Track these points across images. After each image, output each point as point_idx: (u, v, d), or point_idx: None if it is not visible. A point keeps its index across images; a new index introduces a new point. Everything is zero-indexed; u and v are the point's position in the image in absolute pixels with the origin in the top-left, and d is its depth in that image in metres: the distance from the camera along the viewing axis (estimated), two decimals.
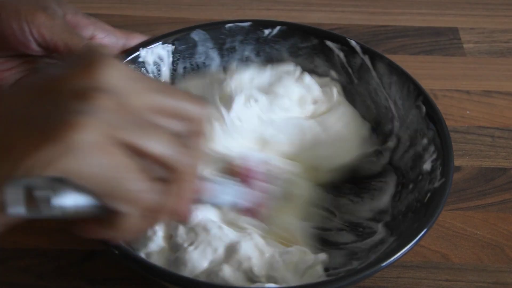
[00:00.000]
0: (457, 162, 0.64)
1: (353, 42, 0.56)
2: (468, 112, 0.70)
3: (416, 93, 0.54)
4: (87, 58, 0.34)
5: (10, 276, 0.53)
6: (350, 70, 0.57)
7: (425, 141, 0.52)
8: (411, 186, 0.52)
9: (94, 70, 0.33)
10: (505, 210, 0.60)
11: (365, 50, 0.56)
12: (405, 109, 0.54)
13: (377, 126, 0.57)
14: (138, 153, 0.33)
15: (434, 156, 0.50)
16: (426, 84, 0.72)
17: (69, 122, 0.31)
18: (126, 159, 0.33)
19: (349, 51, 0.57)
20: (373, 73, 0.56)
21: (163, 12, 0.80)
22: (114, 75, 0.33)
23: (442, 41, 0.79)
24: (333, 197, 0.55)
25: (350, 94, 0.58)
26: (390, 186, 0.54)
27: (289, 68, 0.59)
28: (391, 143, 0.55)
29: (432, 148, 0.51)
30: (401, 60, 0.76)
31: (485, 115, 0.69)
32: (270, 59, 0.60)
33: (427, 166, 0.51)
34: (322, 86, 0.58)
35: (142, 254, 0.47)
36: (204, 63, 0.60)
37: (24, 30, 0.48)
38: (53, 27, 0.49)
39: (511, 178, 0.63)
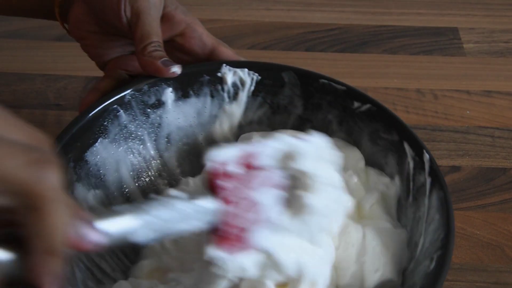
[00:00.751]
0: (457, 162, 0.64)
1: (426, 156, 0.49)
2: (468, 112, 0.70)
3: (441, 246, 0.45)
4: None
5: None
6: (412, 185, 0.51)
7: None
8: None
9: None
10: (505, 210, 0.60)
11: (432, 171, 0.49)
12: (423, 256, 0.47)
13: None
14: None
15: None
16: (426, 84, 0.73)
17: None
18: None
19: (419, 163, 0.50)
20: (426, 201, 0.49)
21: None
22: None
23: (442, 41, 0.79)
24: None
25: (400, 211, 0.51)
26: None
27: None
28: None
29: None
30: (401, 60, 0.76)
31: (485, 115, 0.69)
32: (350, 134, 0.55)
33: None
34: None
35: None
36: (286, 107, 0.57)
37: (120, 5, 0.53)
38: (143, 13, 0.53)
39: (511, 178, 0.63)
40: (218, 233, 0.40)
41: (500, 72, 0.75)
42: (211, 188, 0.42)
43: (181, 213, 0.39)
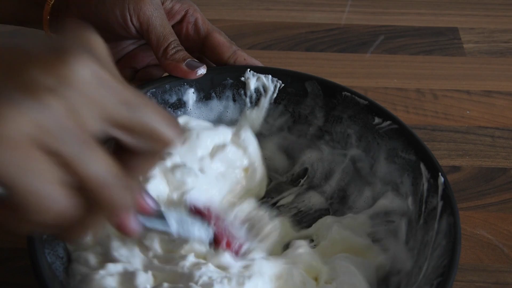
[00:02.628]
0: (457, 162, 0.64)
1: (441, 179, 0.49)
2: (468, 112, 0.70)
3: (442, 273, 0.44)
4: (64, 46, 0.31)
5: (10, 276, 0.53)
6: (424, 207, 0.50)
7: None
8: None
9: (60, 65, 0.30)
10: (505, 210, 0.60)
11: (445, 195, 0.48)
12: (424, 281, 0.45)
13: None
14: (65, 168, 0.30)
15: None
16: (426, 84, 0.73)
17: None
18: (43, 165, 0.30)
19: (434, 186, 0.49)
20: (435, 225, 0.48)
21: None
22: (81, 77, 0.30)
23: (442, 41, 0.79)
24: None
25: (409, 233, 0.50)
26: None
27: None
28: None
29: None
30: (401, 60, 0.76)
31: (485, 115, 0.69)
32: (368, 151, 0.54)
33: None
34: None
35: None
36: (306, 117, 0.56)
37: (126, 17, 0.53)
38: (151, 18, 0.53)
39: (511, 178, 0.63)
40: (219, 244, 0.47)
41: (500, 72, 0.75)
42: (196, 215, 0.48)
43: (194, 224, 0.46)
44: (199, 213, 0.48)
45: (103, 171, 0.31)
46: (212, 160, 0.53)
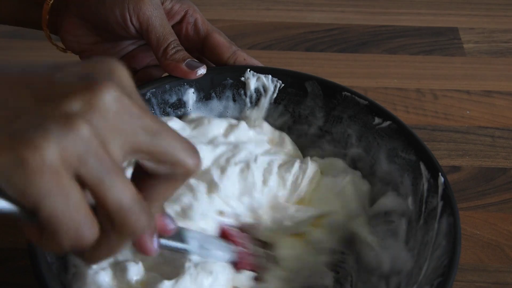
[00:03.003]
0: (457, 162, 0.64)
1: (441, 179, 0.48)
2: (468, 112, 0.70)
3: (442, 273, 0.44)
4: (93, 76, 0.32)
5: (10, 276, 0.53)
6: (424, 207, 0.49)
7: None
8: None
9: (88, 93, 0.31)
10: (505, 210, 0.60)
11: (445, 195, 0.48)
12: (425, 281, 0.45)
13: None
14: (91, 193, 0.32)
15: None
16: (426, 84, 0.73)
17: (31, 139, 0.29)
18: (73, 191, 0.31)
19: (434, 186, 0.49)
20: (435, 225, 0.47)
21: None
22: (106, 104, 0.32)
23: (442, 41, 0.79)
24: None
25: (410, 233, 0.50)
26: None
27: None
28: None
29: None
30: (401, 60, 0.76)
31: (485, 115, 0.69)
32: (368, 151, 0.54)
33: None
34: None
35: None
36: (307, 117, 0.57)
37: (126, 17, 0.53)
38: (151, 18, 0.53)
39: (511, 178, 0.63)
40: (240, 265, 0.48)
41: (500, 72, 0.75)
42: (224, 237, 0.50)
43: (217, 244, 0.47)
44: (227, 236, 0.49)
45: (125, 196, 0.32)
46: (226, 137, 0.54)
